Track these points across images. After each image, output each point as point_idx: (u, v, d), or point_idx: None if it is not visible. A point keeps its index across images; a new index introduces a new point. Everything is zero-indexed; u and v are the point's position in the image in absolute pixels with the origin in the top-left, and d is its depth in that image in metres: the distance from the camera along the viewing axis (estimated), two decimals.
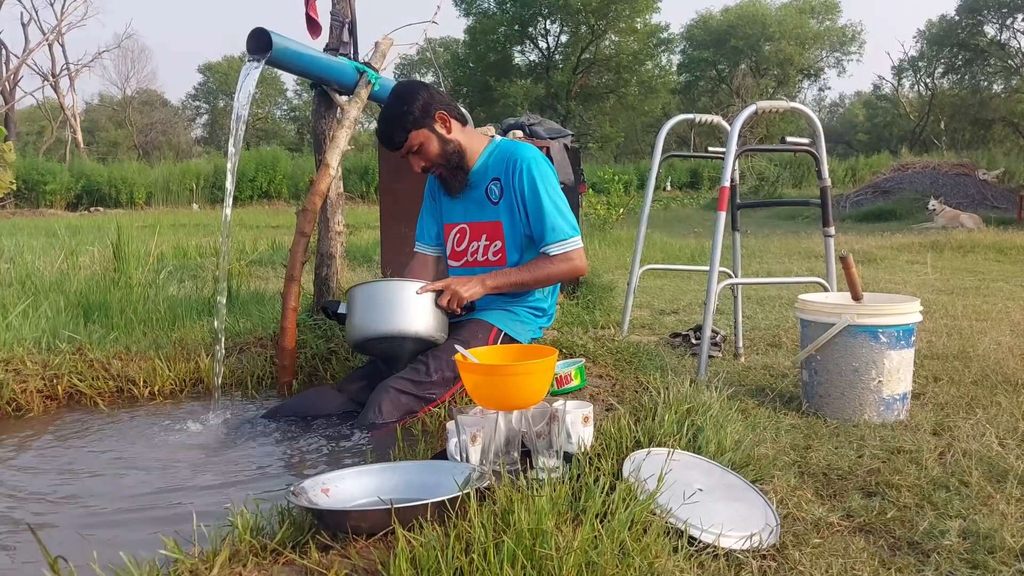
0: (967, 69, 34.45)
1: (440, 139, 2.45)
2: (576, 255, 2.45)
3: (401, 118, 2.41)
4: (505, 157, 2.48)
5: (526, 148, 2.51)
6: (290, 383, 2.80)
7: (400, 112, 2.40)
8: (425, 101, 2.42)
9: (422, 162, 2.48)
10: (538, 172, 2.43)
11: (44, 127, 34.00)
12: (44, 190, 19.43)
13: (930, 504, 1.79)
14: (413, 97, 2.41)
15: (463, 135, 2.51)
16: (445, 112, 2.45)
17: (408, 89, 2.45)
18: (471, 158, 2.53)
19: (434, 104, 2.43)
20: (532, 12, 34.80)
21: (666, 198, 22.01)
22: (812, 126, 3.13)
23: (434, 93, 2.45)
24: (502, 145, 2.54)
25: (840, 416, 2.51)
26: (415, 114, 2.40)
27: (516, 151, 2.48)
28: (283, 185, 22.53)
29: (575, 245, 2.44)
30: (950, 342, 3.61)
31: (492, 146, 2.56)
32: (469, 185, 2.54)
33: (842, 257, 2.67)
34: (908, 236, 9.93)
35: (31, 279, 4.13)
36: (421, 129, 2.42)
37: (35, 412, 2.60)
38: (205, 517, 1.53)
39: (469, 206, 2.56)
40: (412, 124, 2.41)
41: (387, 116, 2.43)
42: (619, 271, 6.61)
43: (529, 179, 2.42)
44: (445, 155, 2.47)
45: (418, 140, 2.43)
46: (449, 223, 2.63)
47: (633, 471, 1.62)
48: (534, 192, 2.42)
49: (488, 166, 2.51)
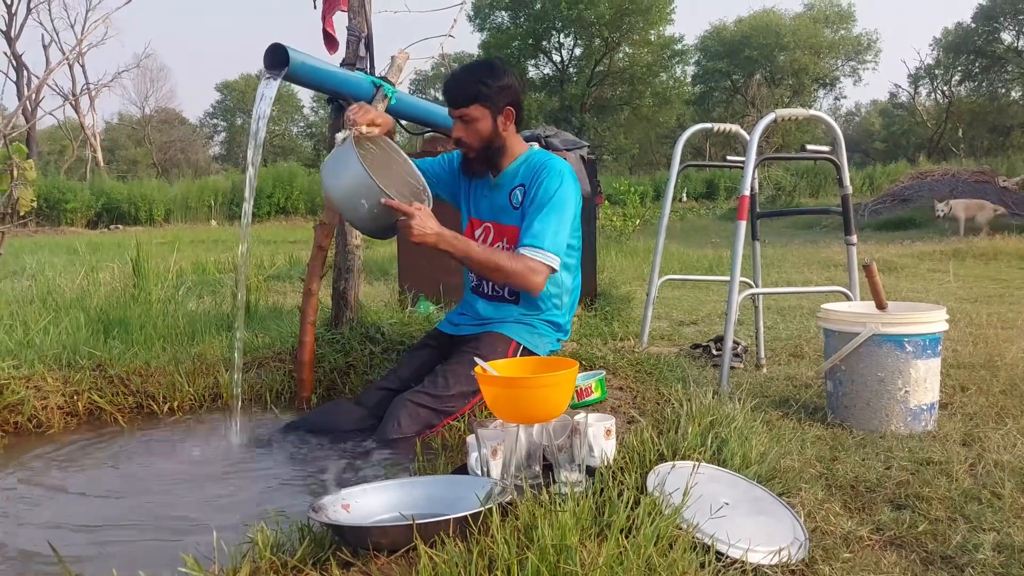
0: (984, 76, 34.20)
1: (494, 128, 2.42)
2: (538, 268, 2.30)
3: (477, 86, 2.37)
4: (536, 166, 2.45)
5: (559, 162, 2.47)
6: (308, 398, 2.80)
7: (481, 80, 2.37)
8: (507, 88, 2.39)
9: (464, 135, 2.44)
10: (558, 186, 2.38)
11: (65, 146, 34.41)
12: (65, 208, 19.63)
13: (962, 517, 1.75)
14: (500, 77, 2.38)
15: (511, 137, 2.49)
16: (513, 111, 2.43)
17: (501, 68, 2.41)
18: (506, 160, 2.51)
19: (512, 97, 2.42)
20: (546, 26, 34.90)
21: (682, 209, 21.93)
22: (832, 134, 3.10)
23: (518, 88, 2.43)
24: (538, 155, 2.52)
25: (866, 427, 2.47)
26: (492, 92, 2.37)
27: (548, 162, 2.45)
28: (300, 201, 22.65)
29: (546, 261, 2.31)
30: (976, 351, 3.55)
31: (528, 153, 2.53)
32: (496, 184, 2.52)
33: (866, 265, 2.63)
34: (929, 244, 9.83)
35: (52, 296, 4.16)
36: (487, 108, 2.39)
37: (56, 428, 2.61)
38: (225, 533, 1.51)
39: (496, 207, 2.53)
40: (483, 98, 2.38)
41: (465, 76, 2.39)
42: (636, 282, 6.57)
43: (545, 188, 2.38)
44: (487, 144, 2.44)
45: (477, 114, 2.39)
46: (476, 217, 2.60)
47: (658, 485, 1.59)
48: (543, 200, 2.37)
49: (518, 171, 2.49)
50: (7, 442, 2.50)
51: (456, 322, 2.61)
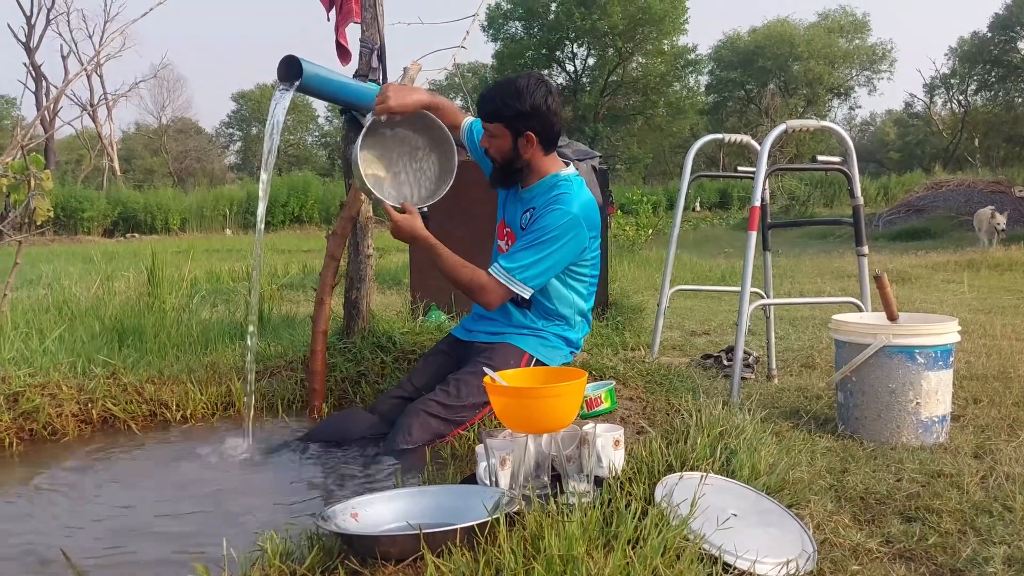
0: (1000, 86, 34.00)
1: (513, 149, 2.42)
2: (492, 289, 2.33)
3: (499, 102, 2.37)
4: (553, 195, 2.41)
5: (577, 198, 2.40)
6: (320, 406, 2.81)
7: (504, 99, 2.36)
8: (530, 114, 2.35)
9: (488, 146, 2.46)
10: (561, 222, 2.34)
11: (82, 156, 34.72)
12: (82, 217, 19.82)
13: (973, 530, 1.74)
14: (524, 101, 2.34)
15: (539, 158, 2.45)
16: (535, 136, 2.38)
17: (526, 88, 2.35)
18: (533, 177, 2.48)
19: (537, 123, 2.37)
20: (559, 36, 35.02)
21: (695, 218, 21.90)
22: (844, 145, 3.09)
23: (543, 111, 2.36)
24: (562, 183, 2.45)
25: (877, 439, 2.46)
26: (511, 113, 2.36)
27: (565, 195, 2.40)
28: (314, 210, 22.80)
29: (508, 285, 2.32)
30: (989, 362, 3.53)
31: (554, 177, 2.47)
32: (521, 198, 2.52)
33: (877, 276, 2.62)
34: (943, 255, 9.76)
35: (68, 305, 4.19)
36: (505, 128, 2.39)
37: (70, 436, 2.63)
38: (235, 541, 1.52)
39: (517, 218, 2.54)
40: (501, 117, 2.38)
41: (491, 92, 2.40)
42: (648, 292, 6.57)
43: (547, 221, 2.35)
44: (508, 161, 2.45)
45: (497, 131, 2.40)
46: (504, 220, 2.63)
47: (665, 496, 1.59)
48: (538, 231, 2.35)
49: (538, 193, 2.47)
50: (23, 449, 2.53)
51: (471, 328, 2.62)
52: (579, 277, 2.49)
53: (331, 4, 3.33)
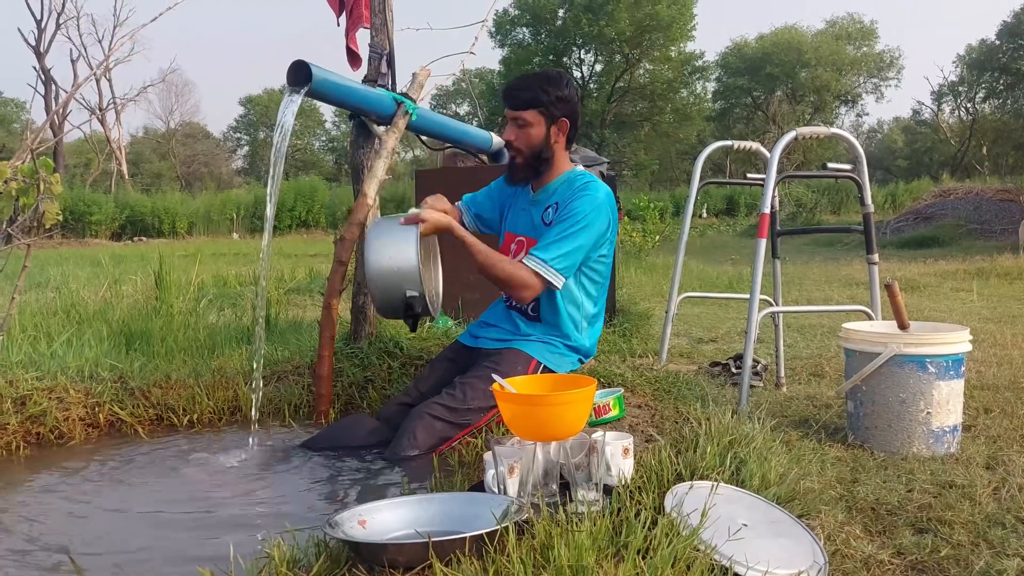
0: (1009, 93, 33.90)
1: (546, 138, 2.44)
2: (529, 280, 2.32)
3: (537, 92, 2.40)
4: (575, 187, 2.45)
5: (599, 188, 2.46)
6: (327, 412, 2.80)
7: (543, 88, 2.40)
8: (566, 101, 2.42)
9: (515, 138, 2.46)
10: (589, 210, 2.37)
11: (91, 159, 34.85)
12: (90, 220, 19.89)
13: (985, 542, 1.72)
14: (561, 88, 2.41)
15: (560, 152, 2.51)
16: (568, 125, 2.46)
17: (563, 80, 2.44)
18: (551, 175, 2.52)
19: (569, 111, 2.44)
20: (567, 42, 35.05)
21: (702, 225, 21.87)
22: (853, 152, 3.08)
23: (576, 104, 2.47)
24: (581, 177, 2.50)
25: (887, 449, 2.44)
26: (551, 101, 2.40)
27: (589, 184, 2.45)
28: (321, 215, 22.85)
29: (544, 274, 2.32)
30: (1000, 372, 3.51)
31: (571, 173, 2.52)
32: (535, 200, 2.54)
33: (887, 284, 2.61)
34: (952, 263, 9.72)
35: (75, 308, 4.20)
36: (542, 116, 2.42)
37: (77, 440, 2.63)
38: (242, 548, 1.52)
39: (532, 222, 2.53)
40: (540, 105, 2.40)
41: (528, 81, 2.44)
42: (655, 299, 6.55)
43: (576, 208, 2.38)
44: (537, 152, 2.46)
45: (532, 119, 2.42)
46: (511, 231, 2.62)
47: (675, 505, 1.58)
48: (569, 218, 2.37)
49: (557, 189, 2.50)
50: (30, 453, 2.52)
51: (477, 334, 2.61)
52: (591, 276, 2.47)
53: (341, 9, 3.34)
